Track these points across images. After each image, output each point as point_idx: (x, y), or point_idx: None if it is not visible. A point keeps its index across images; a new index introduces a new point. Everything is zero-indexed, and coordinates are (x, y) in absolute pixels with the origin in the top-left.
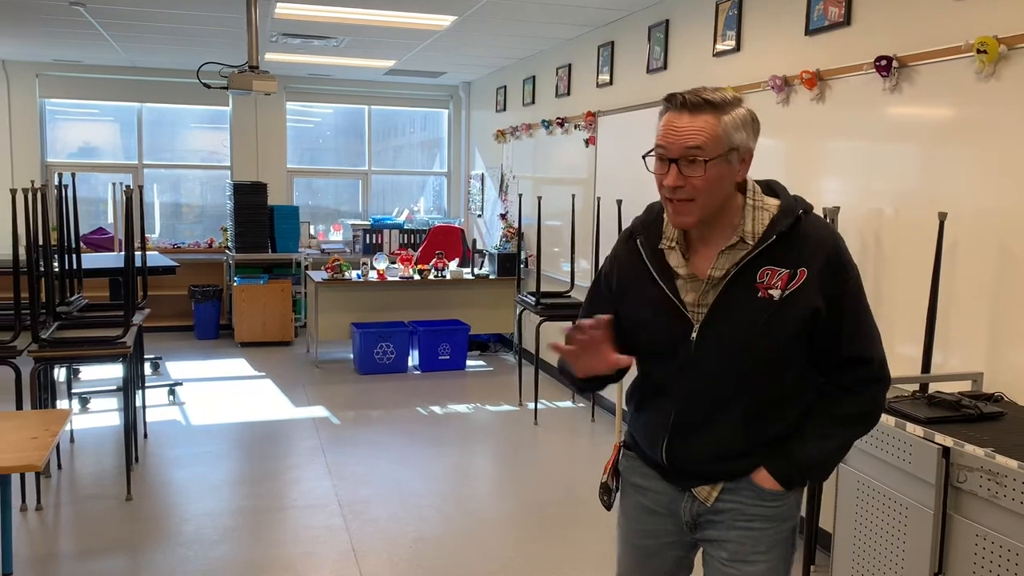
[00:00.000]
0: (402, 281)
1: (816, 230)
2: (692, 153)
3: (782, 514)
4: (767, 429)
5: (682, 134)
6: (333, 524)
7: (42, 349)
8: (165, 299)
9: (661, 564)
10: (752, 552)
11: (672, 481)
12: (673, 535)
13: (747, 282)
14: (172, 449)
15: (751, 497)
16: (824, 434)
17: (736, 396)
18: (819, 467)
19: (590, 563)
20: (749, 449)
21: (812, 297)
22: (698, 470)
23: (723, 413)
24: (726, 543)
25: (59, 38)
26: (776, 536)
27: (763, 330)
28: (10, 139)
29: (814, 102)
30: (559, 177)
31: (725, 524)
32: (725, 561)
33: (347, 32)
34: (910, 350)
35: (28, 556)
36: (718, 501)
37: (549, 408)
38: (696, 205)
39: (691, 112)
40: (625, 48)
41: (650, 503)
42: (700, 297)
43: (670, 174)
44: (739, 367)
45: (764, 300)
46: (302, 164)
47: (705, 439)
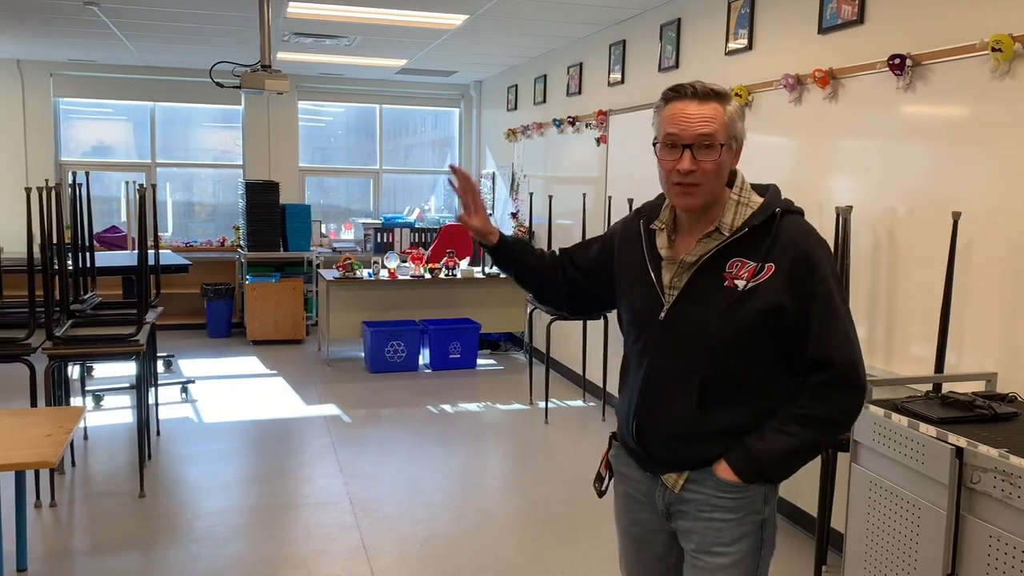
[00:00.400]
0: (413, 280)
1: (791, 231)
2: (705, 139)
3: (745, 507)
4: (722, 417)
5: (695, 120)
6: (344, 522)
7: (56, 347)
8: (178, 297)
9: (651, 550)
10: (715, 543)
11: (645, 468)
12: (655, 523)
13: (717, 271)
14: (184, 446)
15: (713, 488)
16: (782, 431)
17: (692, 377)
18: (775, 464)
19: (600, 562)
20: (704, 436)
21: (776, 293)
22: (661, 453)
23: (680, 392)
24: (692, 534)
25: (73, 37)
26: (740, 528)
27: (723, 317)
28: (24, 138)
29: (827, 101)
30: (570, 176)
31: (691, 515)
32: (693, 552)
33: (359, 31)
34: (923, 350)
35: (42, 552)
36: (684, 490)
37: (560, 407)
38: (703, 189)
39: (700, 101)
40: (637, 47)
41: (633, 491)
42: (673, 279)
43: (684, 159)
44: (697, 349)
45: (729, 289)
46: (314, 163)
47: (664, 417)
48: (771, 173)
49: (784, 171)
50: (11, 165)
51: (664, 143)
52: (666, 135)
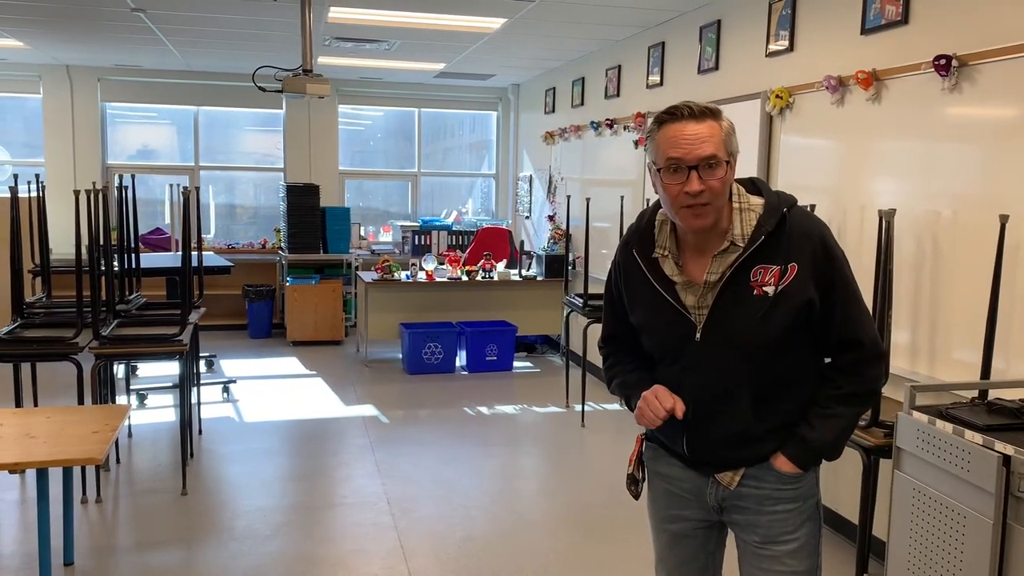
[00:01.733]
0: (450, 282)
1: (800, 224)
2: (710, 159)
3: (803, 493)
4: (776, 414)
5: (697, 141)
6: (382, 522)
7: (103, 346)
8: (220, 298)
9: (691, 544)
10: (782, 533)
11: (695, 469)
12: (700, 518)
13: (742, 282)
14: (226, 445)
15: (774, 482)
16: (830, 415)
17: (743, 387)
18: (830, 446)
19: (636, 565)
20: (762, 434)
21: (804, 289)
22: (718, 458)
23: (733, 404)
24: (756, 527)
25: (120, 43)
26: (802, 515)
27: (761, 325)
28: (73, 141)
29: (870, 102)
30: (608, 179)
31: (752, 510)
32: (758, 544)
33: (399, 35)
34: (969, 355)
35: (88, 547)
36: (741, 486)
37: (596, 410)
38: (712, 208)
39: (697, 120)
40: (676, 49)
41: (676, 489)
42: (699, 300)
43: (691, 180)
44: (742, 361)
45: (759, 297)
46: (353, 166)
47: (720, 430)
48: (813, 176)
49: (826, 173)
50: (60, 168)
51: (667, 168)
52: (668, 159)
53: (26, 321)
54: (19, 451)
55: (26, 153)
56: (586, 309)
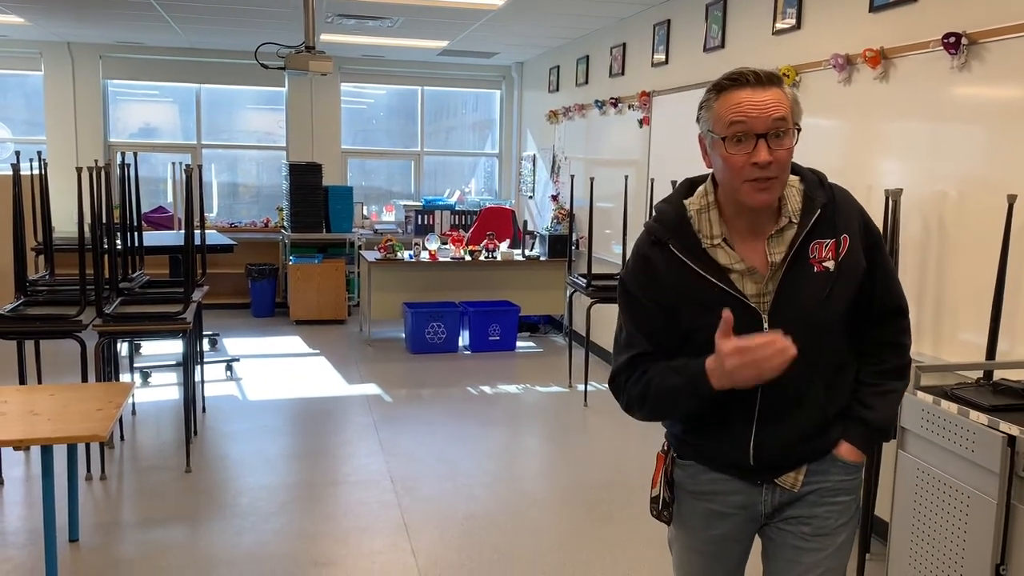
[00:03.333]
0: (453, 262)
1: (841, 195)
2: (779, 125)
3: (856, 485)
4: (839, 400)
5: (767, 107)
6: (385, 499)
7: (106, 324)
8: (223, 277)
9: (728, 562)
10: (836, 525)
11: (749, 479)
12: (743, 532)
13: (802, 261)
14: (229, 423)
15: (838, 472)
16: (885, 391)
17: (816, 373)
18: (889, 425)
19: (639, 544)
20: (828, 423)
21: (860, 259)
22: (785, 459)
23: (807, 394)
24: (810, 519)
25: (122, 20)
26: (854, 505)
27: (827, 302)
28: (75, 119)
29: (877, 81)
30: (612, 158)
31: (809, 502)
32: (807, 536)
33: (401, 12)
34: (975, 337)
35: (93, 523)
36: (804, 485)
37: (599, 390)
38: (779, 181)
39: (765, 86)
40: (682, 26)
41: (719, 507)
42: (761, 287)
43: (759, 150)
44: (815, 344)
45: (822, 274)
46: (356, 145)
47: (795, 427)
48: (819, 155)
49: (832, 153)
50: (62, 146)
51: (731, 136)
52: (732, 125)
53: (29, 299)
54: (23, 428)
55: (27, 131)
56: (589, 289)
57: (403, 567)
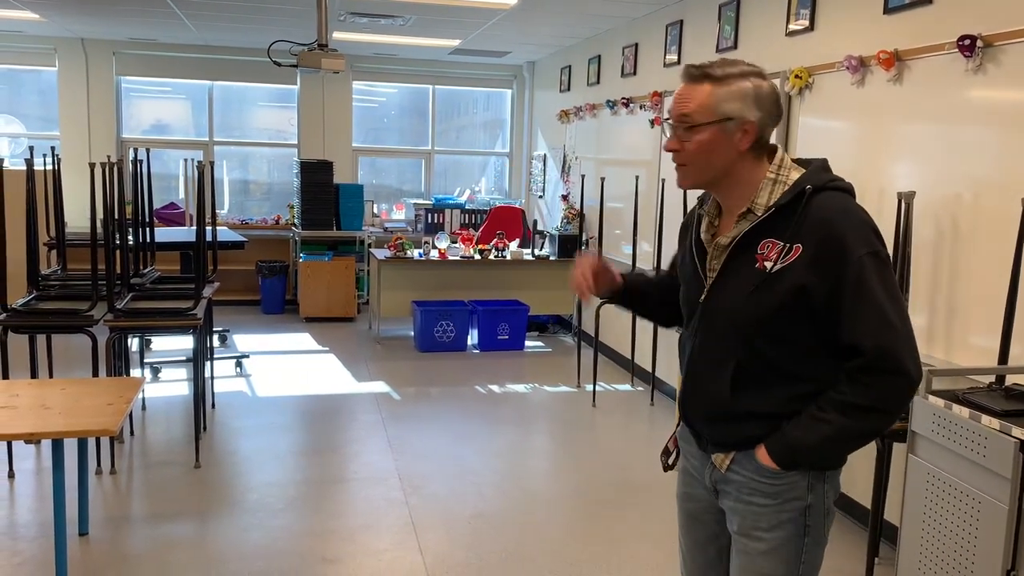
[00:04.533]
0: (463, 260)
1: (822, 210)
2: (682, 119)
3: (783, 492)
4: (755, 400)
5: (678, 101)
6: (393, 497)
7: (117, 319)
8: (233, 274)
9: (705, 529)
10: (754, 528)
11: (700, 446)
12: (707, 502)
13: (751, 252)
14: (238, 419)
15: (752, 471)
16: (819, 418)
17: (726, 360)
18: (810, 450)
19: (646, 544)
20: (741, 416)
21: (802, 275)
22: (705, 432)
23: (716, 374)
24: (735, 515)
25: (136, 17)
26: (779, 515)
27: (750, 298)
28: (88, 115)
29: (891, 83)
30: (623, 158)
31: (733, 496)
32: (736, 534)
33: (413, 11)
34: (986, 341)
35: (103, 517)
36: (729, 471)
37: (608, 391)
38: (689, 170)
39: (689, 81)
40: (694, 27)
41: (688, 466)
42: (712, 262)
43: (671, 139)
44: (730, 331)
45: (758, 271)
46: (367, 143)
47: (702, 400)
48: (832, 157)
49: (845, 155)
50: (76, 141)
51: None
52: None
53: (42, 293)
54: (35, 421)
55: (41, 126)
56: None
57: (410, 565)
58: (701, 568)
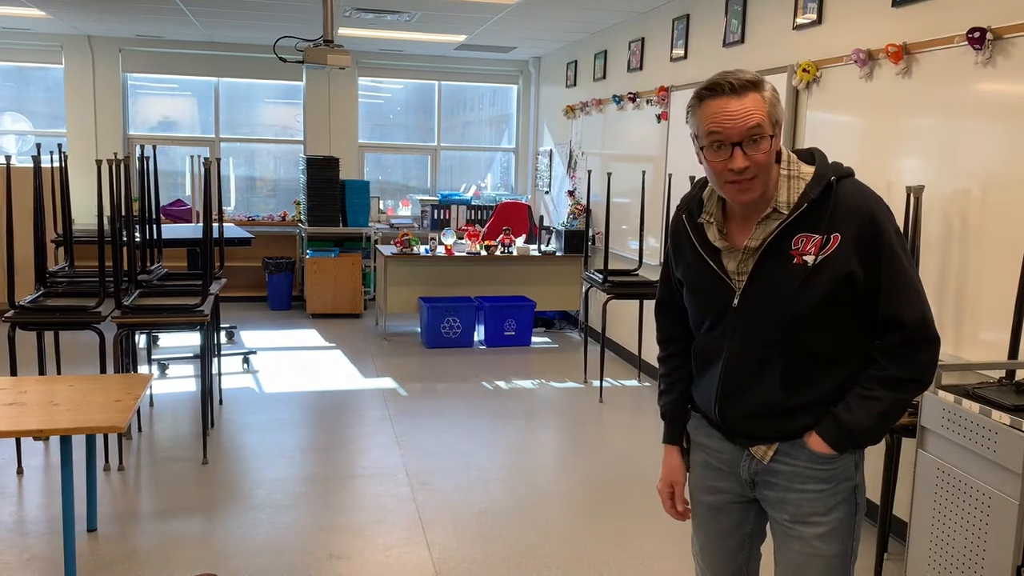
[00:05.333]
0: (469, 257)
1: (850, 196)
2: (753, 132)
3: (836, 476)
4: (810, 390)
5: (739, 117)
6: (400, 493)
7: (125, 315)
8: (240, 270)
9: (729, 519)
10: (811, 513)
11: (731, 440)
12: (736, 493)
13: (783, 249)
14: (246, 415)
15: (805, 460)
16: (868, 396)
17: (775, 358)
18: (865, 430)
19: (654, 540)
20: (793, 408)
21: (846, 261)
22: (748, 429)
23: (763, 374)
24: (786, 505)
25: (142, 13)
26: (834, 498)
27: (798, 294)
28: (95, 112)
29: (899, 77)
30: (629, 153)
31: (782, 486)
32: (787, 523)
33: (419, 6)
34: (996, 336)
35: (111, 513)
36: (774, 461)
37: (614, 386)
38: (759, 181)
39: (739, 94)
40: (701, 21)
41: (712, 459)
42: (740, 265)
43: (735, 157)
44: (776, 330)
45: (799, 266)
46: (373, 139)
47: (749, 400)
48: (839, 152)
49: (853, 149)
50: (82, 138)
51: (710, 145)
52: (710, 135)
53: (49, 290)
54: (43, 418)
55: (48, 123)
56: (606, 285)
57: (418, 560)
58: (722, 557)
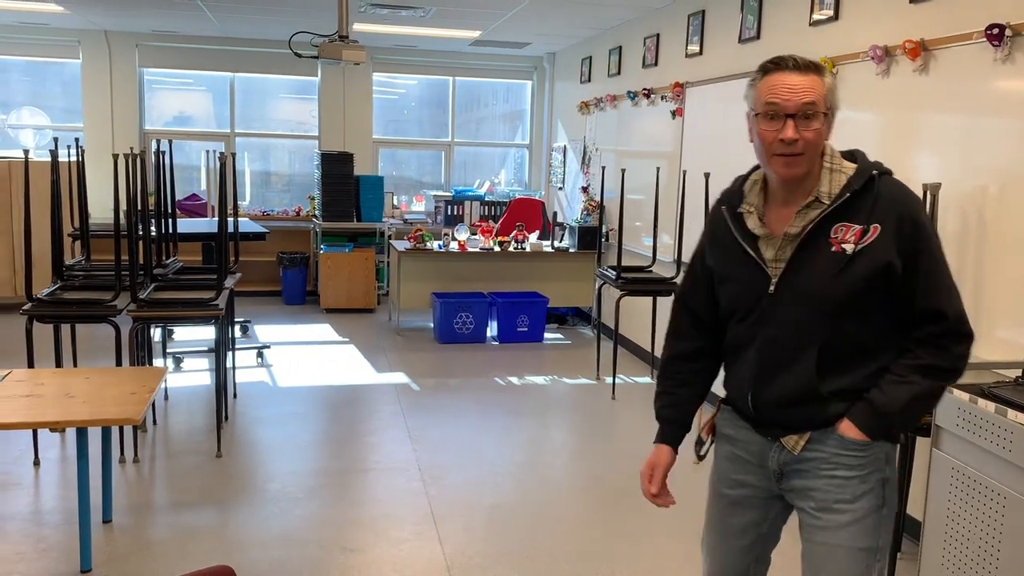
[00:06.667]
0: (482, 252)
1: (891, 190)
2: (808, 108)
3: (867, 464)
4: (844, 377)
5: (798, 91)
6: (413, 487)
7: (140, 309)
8: (255, 265)
9: (749, 513)
10: (837, 500)
11: (762, 431)
12: (760, 487)
13: (822, 238)
14: (260, 409)
15: (834, 446)
16: (901, 381)
17: (809, 344)
18: (898, 414)
19: (666, 537)
20: (826, 396)
21: (885, 252)
22: (781, 418)
23: (799, 361)
24: (813, 491)
25: (158, 8)
26: (863, 486)
27: (835, 281)
28: (111, 107)
29: (917, 73)
30: (643, 150)
31: (811, 473)
32: (813, 510)
33: (434, 2)
34: (1013, 334)
35: (126, 505)
36: (805, 450)
37: (627, 383)
38: (805, 159)
39: (802, 72)
40: (717, 17)
41: (740, 452)
42: (778, 253)
43: (787, 128)
44: (813, 317)
45: (837, 254)
46: (387, 135)
47: (783, 387)
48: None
49: (869, 146)
50: (99, 133)
51: (765, 114)
52: (767, 105)
53: (66, 283)
54: (60, 410)
55: (65, 118)
56: (619, 281)
57: (430, 554)
58: (733, 553)
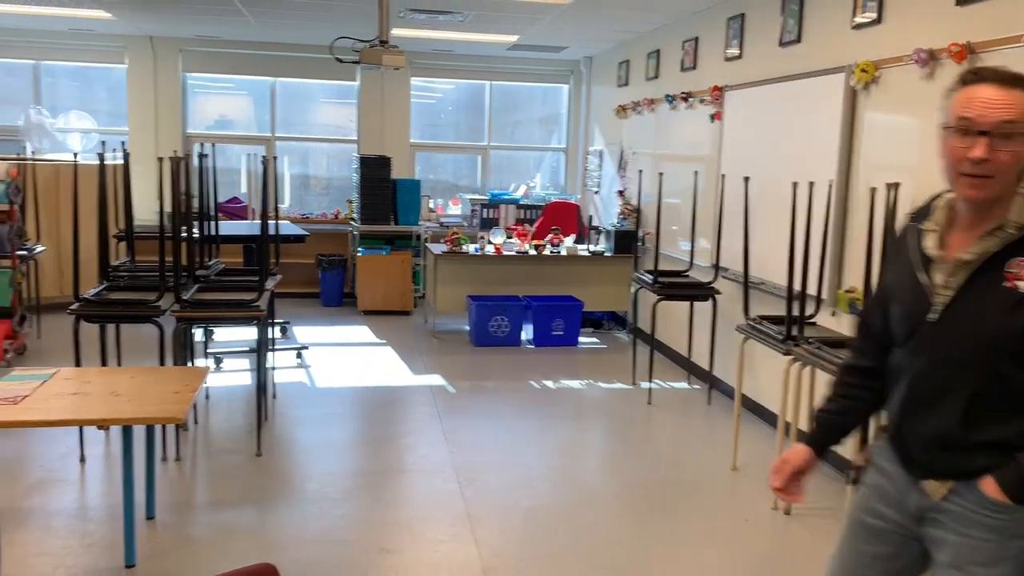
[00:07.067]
0: (518, 256)
1: None
2: (1006, 127)
3: (1008, 528)
4: (990, 428)
5: (996, 106)
6: (449, 489)
7: (184, 309)
8: (294, 267)
9: (882, 545)
10: (970, 562)
11: (907, 469)
12: (897, 523)
13: (997, 271)
14: (298, 409)
15: (974, 503)
16: None
17: (959, 386)
18: None
19: (701, 542)
20: (970, 446)
21: None
22: (921, 458)
23: (945, 400)
24: (947, 546)
25: (202, 15)
26: (1000, 552)
27: (1003, 320)
28: (155, 111)
29: None
30: (681, 154)
31: (948, 527)
32: (947, 565)
33: (472, 7)
34: None
35: (168, 502)
36: (945, 500)
37: (663, 389)
38: (995, 182)
39: (1004, 86)
40: (756, 20)
41: (886, 483)
42: (948, 279)
43: (978, 146)
44: (968, 355)
45: (1008, 291)
46: (424, 139)
47: (925, 424)
48: (897, 154)
49: (911, 152)
50: (143, 136)
51: (956, 128)
52: (959, 119)
53: (111, 284)
54: (106, 408)
55: (111, 121)
56: (656, 286)
57: (466, 556)
58: None
